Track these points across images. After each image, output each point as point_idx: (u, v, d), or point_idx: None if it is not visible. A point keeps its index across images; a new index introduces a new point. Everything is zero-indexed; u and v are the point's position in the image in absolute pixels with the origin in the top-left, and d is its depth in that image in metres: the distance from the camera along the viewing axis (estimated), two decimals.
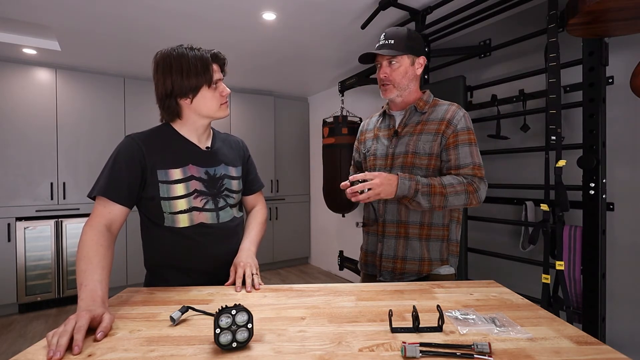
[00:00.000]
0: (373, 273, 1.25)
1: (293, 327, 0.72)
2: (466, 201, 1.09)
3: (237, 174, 1.14)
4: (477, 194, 1.09)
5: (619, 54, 1.70)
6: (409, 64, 1.18)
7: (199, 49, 1.01)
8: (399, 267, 1.17)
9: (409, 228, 1.16)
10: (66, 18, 2.27)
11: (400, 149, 1.18)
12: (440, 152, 1.14)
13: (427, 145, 1.14)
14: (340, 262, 3.37)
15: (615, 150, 1.74)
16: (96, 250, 0.84)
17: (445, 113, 1.16)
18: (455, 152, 1.12)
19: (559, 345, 0.64)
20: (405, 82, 1.19)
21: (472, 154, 1.12)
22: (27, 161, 3.07)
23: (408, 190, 1.05)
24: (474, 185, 1.09)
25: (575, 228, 1.70)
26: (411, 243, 1.16)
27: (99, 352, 0.63)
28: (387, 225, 1.19)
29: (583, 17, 1.40)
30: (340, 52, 2.97)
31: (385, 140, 1.24)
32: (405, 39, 1.16)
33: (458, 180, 1.09)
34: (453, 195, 1.07)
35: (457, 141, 1.13)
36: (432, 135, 1.14)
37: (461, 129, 1.13)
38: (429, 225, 1.16)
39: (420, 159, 1.14)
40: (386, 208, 1.20)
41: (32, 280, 3.07)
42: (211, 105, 1.03)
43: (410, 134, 1.18)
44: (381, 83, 1.21)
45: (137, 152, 0.98)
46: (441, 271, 1.17)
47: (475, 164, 1.12)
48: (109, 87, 3.41)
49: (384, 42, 1.18)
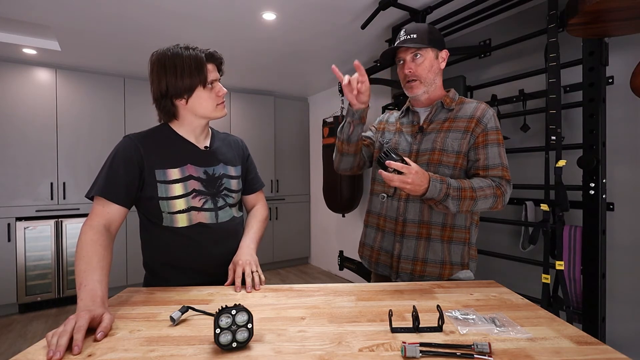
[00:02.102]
0: (385, 274, 1.19)
1: (293, 327, 0.72)
2: (493, 205, 1.05)
3: (237, 173, 1.14)
4: (504, 197, 1.06)
5: (619, 54, 1.70)
6: (433, 57, 1.13)
7: (194, 48, 1.00)
8: (419, 269, 1.11)
9: (431, 229, 1.11)
10: (66, 18, 2.27)
11: (426, 146, 1.13)
12: (468, 150, 1.10)
13: (455, 143, 1.09)
14: (340, 262, 3.37)
15: (615, 150, 1.73)
16: (95, 250, 0.84)
17: (475, 111, 1.11)
18: (485, 151, 1.08)
19: (559, 345, 0.64)
20: (432, 77, 1.14)
21: (501, 155, 1.09)
22: (27, 161, 3.07)
23: (438, 193, 0.99)
24: (502, 188, 1.05)
25: (575, 228, 1.70)
26: (433, 245, 1.10)
27: (99, 352, 0.63)
28: (407, 224, 1.12)
29: (583, 17, 1.40)
30: (340, 52, 2.97)
31: (408, 136, 1.18)
32: (428, 33, 1.12)
33: (487, 183, 1.04)
34: (482, 199, 1.02)
35: (486, 140, 1.08)
36: (461, 132, 1.10)
37: (491, 129, 1.09)
38: (452, 227, 1.11)
39: (448, 156, 1.10)
40: (407, 206, 1.13)
41: (32, 280, 3.07)
42: (207, 106, 1.02)
43: (437, 131, 1.13)
44: (406, 80, 1.15)
45: (135, 152, 0.98)
46: (461, 276, 1.12)
47: (504, 165, 1.08)
48: (109, 87, 3.41)
49: (406, 37, 1.12)
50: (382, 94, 3.32)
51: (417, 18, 2.18)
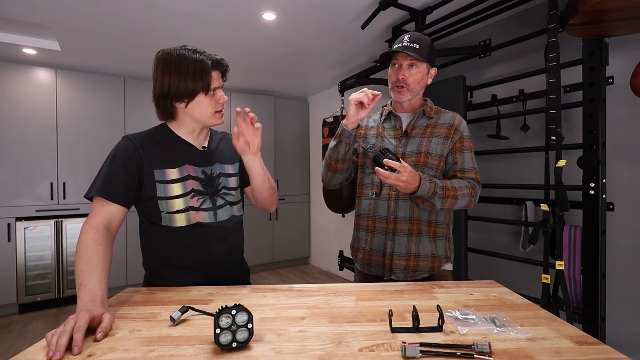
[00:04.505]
0: (378, 273, 1.24)
1: (293, 327, 0.72)
2: (468, 203, 1.17)
3: (234, 170, 1.14)
4: (476, 196, 1.19)
5: (619, 54, 1.70)
6: (425, 72, 1.22)
7: (201, 52, 0.99)
8: (412, 264, 1.19)
9: (421, 225, 1.20)
10: (66, 18, 2.27)
11: (411, 149, 1.22)
12: (447, 154, 1.21)
13: (438, 147, 1.20)
14: (340, 262, 3.37)
15: (615, 150, 1.73)
16: (95, 250, 0.84)
17: (452, 120, 1.24)
18: (462, 156, 1.21)
19: (559, 345, 0.64)
20: (418, 89, 1.23)
21: (473, 160, 1.23)
22: (27, 161, 3.07)
23: (427, 191, 1.08)
24: (475, 189, 1.18)
25: (575, 228, 1.70)
26: (423, 240, 1.20)
27: (99, 352, 0.62)
28: (399, 222, 1.20)
29: (583, 17, 1.40)
30: (340, 52, 2.97)
31: (392, 139, 1.26)
32: (429, 48, 1.19)
33: (465, 183, 1.16)
34: (461, 197, 1.14)
35: (463, 147, 1.21)
36: (442, 138, 1.21)
37: (466, 136, 1.23)
38: (436, 223, 1.21)
39: (432, 159, 1.20)
40: (398, 205, 1.20)
41: (32, 280, 3.07)
42: (206, 112, 1.02)
43: (421, 136, 1.23)
44: (396, 84, 1.21)
45: (134, 152, 0.98)
46: (447, 267, 1.24)
47: (476, 169, 1.22)
48: (109, 87, 3.41)
49: (409, 44, 1.17)
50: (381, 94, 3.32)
51: (417, 18, 2.18)
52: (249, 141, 1.03)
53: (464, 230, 2.09)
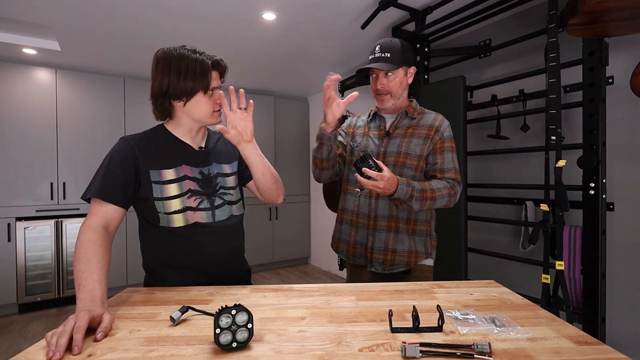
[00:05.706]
0: (362, 264, 1.32)
1: (293, 327, 0.72)
2: (447, 202, 1.22)
3: (232, 169, 1.14)
4: (456, 196, 1.24)
5: (619, 54, 1.70)
6: (403, 75, 1.27)
7: (201, 53, 1.00)
8: (390, 258, 1.25)
9: (399, 222, 1.26)
10: (66, 18, 2.27)
11: (392, 149, 1.28)
12: (427, 155, 1.26)
13: (418, 148, 1.25)
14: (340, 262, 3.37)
15: (615, 150, 1.73)
16: (94, 251, 0.84)
17: (434, 121, 1.28)
18: (442, 157, 1.25)
19: (559, 345, 0.64)
20: (400, 92, 1.28)
21: (454, 160, 1.27)
22: (27, 161, 3.07)
23: (404, 195, 1.14)
24: (455, 188, 1.23)
25: (575, 228, 1.70)
26: (401, 237, 1.26)
27: (99, 352, 0.62)
28: (378, 219, 1.27)
29: (583, 17, 1.40)
30: (340, 52, 2.97)
31: (376, 139, 1.32)
32: (401, 52, 1.24)
33: (444, 184, 1.21)
34: (440, 198, 1.19)
35: (443, 147, 1.26)
36: (422, 139, 1.26)
37: (447, 137, 1.27)
38: (415, 221, 1.27)
39: (411, 159, 1.25)
40: (378, 203, 1.27)
41: (32, 280, 3.07)
42: (204, 111, 1.02)
43: (402, 136, 1.28)
44: (377, 93, 1.29)
45: (131, 153, 0.98)
46: (426, 262, 1.30)
47: (456, 169, 1.26)
48: (109, 87, 3.41)
49: (380, 55, 1.24)
50: None
51: (417, 18, 2.18)
52: (241, 130, 1.03)
53: (464, 230, 2.09)
